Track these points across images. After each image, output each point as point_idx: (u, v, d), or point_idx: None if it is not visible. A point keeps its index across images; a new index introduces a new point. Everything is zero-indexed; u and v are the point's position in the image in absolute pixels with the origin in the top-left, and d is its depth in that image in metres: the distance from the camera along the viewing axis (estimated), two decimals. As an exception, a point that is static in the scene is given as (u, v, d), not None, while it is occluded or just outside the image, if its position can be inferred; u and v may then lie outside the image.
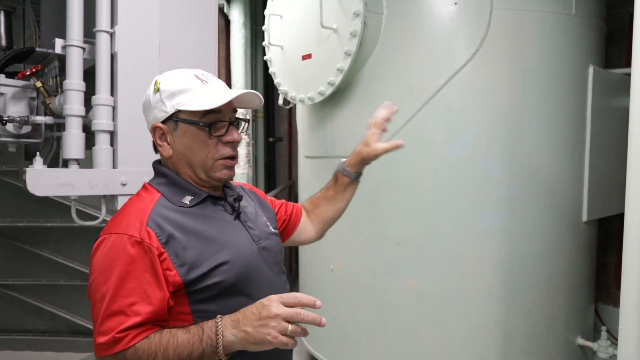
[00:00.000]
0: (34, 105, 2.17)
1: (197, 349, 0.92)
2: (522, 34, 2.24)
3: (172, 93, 1.08)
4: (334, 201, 1.51)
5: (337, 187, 1.50)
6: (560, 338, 2.46)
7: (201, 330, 0.94)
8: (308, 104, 2.56)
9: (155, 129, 1.11)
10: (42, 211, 3.50)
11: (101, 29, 1.83)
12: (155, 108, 1.10)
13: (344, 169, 1.47)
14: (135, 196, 1.15)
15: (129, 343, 0.94)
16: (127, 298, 0.96)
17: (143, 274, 0.97)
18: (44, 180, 1.70)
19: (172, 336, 0.95)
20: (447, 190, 2.26)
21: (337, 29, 2.27)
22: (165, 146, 1.12)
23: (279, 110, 5.07)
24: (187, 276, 1.01)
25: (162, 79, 1.11)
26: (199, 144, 1.09)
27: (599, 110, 2.46)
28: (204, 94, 1.08)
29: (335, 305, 2.59)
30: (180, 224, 1.05)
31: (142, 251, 0.98)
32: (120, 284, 0.96)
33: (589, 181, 2.44)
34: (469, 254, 2.26)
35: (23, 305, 3.64)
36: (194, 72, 1.12)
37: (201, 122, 1.08)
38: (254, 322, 0.90)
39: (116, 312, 0.95)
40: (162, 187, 1.12)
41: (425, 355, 2.32)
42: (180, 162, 1.12)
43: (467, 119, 2.23)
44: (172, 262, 1.00)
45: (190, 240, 1.04)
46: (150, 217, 1.03)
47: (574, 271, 2.49)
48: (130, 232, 1.00)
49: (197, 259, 1.03)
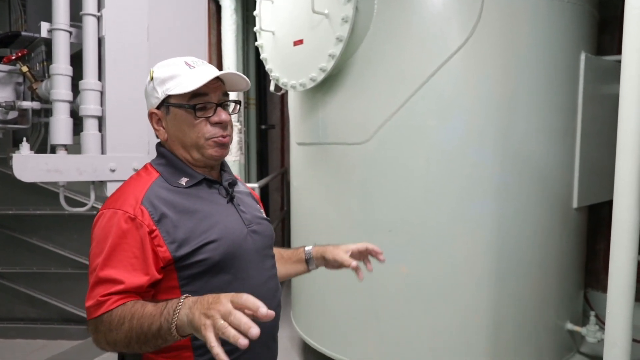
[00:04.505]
0: (21, 90, 2.14)
1: (155, 322, 0.93)
2: (514, 21, 2.23)
3: (162, 80, 1.15)
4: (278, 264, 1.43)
5: (293, 255, 1.49)
6: (550, 323, 2.49)
7: (165, 305, 0.94)
8: (300, 90, 2.54)
9: (152, 115, 1.20)
10: (32, 199, 3.47)
11: (88, 12, 1.80)
12: (151, 95, 1.19)
13: (309, 251, 1.48)
14: (135, 175, 1.22)
15: (110, 306, 0.99)
16: (114, 268, 1.02)
17: (132, 248, 1.04)
18: (30, 166, 1.68)
19: (141, 306, 0.98)
20: (438, 177, 2.26)
21: (329, 15, 2.24)
22: (161, 130, 1.20)
23: (271, 97, 5.04)
24: (176, 252, 1.07)
25: (156, 68, 1.19)
26: (187, 125, 1.16)
27: (591, 97, 2.46)
28: (190, 78, 1.14)
29: (327, 291, 2.60)
30: (173, 203, 1.12)
31: (134, 227, 1.05)
32: (110, 254, 1.03)
33: (580, 168, 2.45)
34: (460, 240, 2.27)
35: (14, 293, 3.62)
36: (185, 59, 1.19)
37: (187, 104, 1.15)
38: (203, 308, 0.87)
39: (103, 280, 1.02)
40: (161, 167, 1.19)
41: (416, 342, 2.34)
42: (175, 144, 1.20)
43: (459, 106, 2.22)
44: (163, 239, 1.06)
45: (182, 219, 1.10)
46: (145, 196, 1.10)
47: (564, 257, 2.51)
48: (125, 208, 1.07)
49: (187, 237, 1.09)
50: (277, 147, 5.28)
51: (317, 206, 2.67)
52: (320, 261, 1.46)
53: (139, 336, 0.95)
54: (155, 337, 0.94)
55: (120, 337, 0.97)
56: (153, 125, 1.21)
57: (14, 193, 3.45)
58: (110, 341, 1.00)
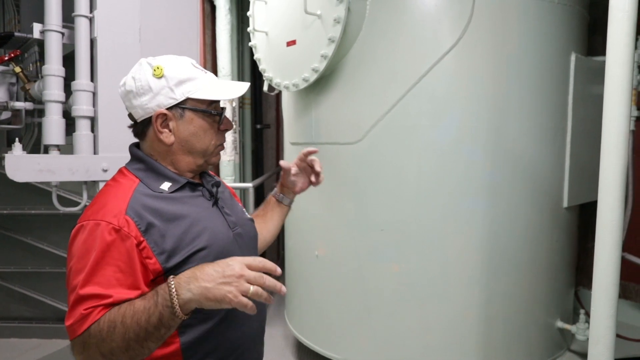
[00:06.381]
0: (14, 91, 2.15)
1: (154, 314, 0.90)
2: (505, 21, 2.25)
3: (181, 80, 1.09)
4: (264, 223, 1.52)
5: (267, 206, 1.54)
6: (541, 321, 2.52)
7: (156, 294, 0.92)
8: (293, 91, 2.56)
9: (158, 115, 1.09)
10: (27, 198, 3.48)
11: (80, 14, 1.81)
12: (161, 94, 1.08)
13: (274, 191, 1.54)
14: (112, 181, 1.13)
15: (96, 317, 0.93)
16: (98, 284, 0.95)
17: (117, 262, 0.97)
18: (23, 166, 1.70)
19: (129, 305, 0.93)
20: (431, 175, 2.28)
21: (321, 15, 2.26)
22: (166, 133, 1.11)
23: (266, 97, 5.05)
24: (166, 263, 1.02)
25: (165, 65, 1.09)
26: (204, 131, 1.13)
27: (581, 98, 2.49)
28: (210, 83, 1.12)
29: (321, 290, 2.62)
30: (159, 211, 1.05)
31: (119, 239, 0.98)
32: (93, 270, 0.96)
33: (570, 168, 2.47)
34: (452, 239, 2.29)
35: (8, 292, 3.62)
36: (189, 61, 1.13)
37: (212, 110, 1.12)
38: (217, 279, 0.88)
39: (87, 297, 0.95)
40: (141, 172, 1.11)
41: (408, 339, 2.36)
42: (180, 149, 1.13)
43: (451, 105, 2.24)
44: (151, 251, 1.01)
45: (169, 228, 1.04)
46: (129, 204, 1.03)
47: (555, 256, 2.54)
48: (108, 219, 0.99)
49: (176, 246, 1.04)
50: (272, 146, 5.29)
51: (310, 205, 2.69)
52: (286, 189, 1.51)
53: (139, 334, 0.90)
54: (157, 328, 0.90)
55: (117, 343, 0.91)
56: (157, 127, 1.10)
57: (8, 192, 3.45)
58: (105, 352, 0.92)
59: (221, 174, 3.69)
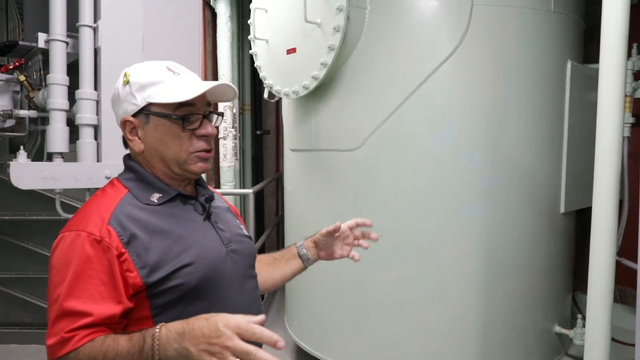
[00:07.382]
0: (18, 98, 2.18)
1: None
2: (502, 30, 2.28)
3: (142, 85, 1.03)
4: (272, 268, 1.41)
5: (286, 253, 1.43)
6: (539, 326, 2.54)
7: (142, 340, 0.87)
8: (293, 98, 2.59)
9: (125, 123, 1.06)
10: (28, 204, 3.49)
11: (84, 24, 1.84)
12: (125, 101, 1.05)
13: (300, 244, 1.43)
14: (100, 192, 1.09)
15: (77, 344, 0.88)
16: (79, 298, 0.91)
17: (99, 274, 0.93)
18: (27, 173, 1.72)
19: (113, 342, 0.88)
20: (429, 182, 2.30)
21: (321, 24, 2.29)
22: (136, 140, 1.07)
23: (266, 103, 5.08)
24: (148, 278, 0.96)
25: (132, 71, 1.06)
26: (171, 137, 1.05)
27: (577, 105, 2.52)
28: (176, 86, 1.04)
29: (320, 295, 2.64)
30: (144, 222, 1.00)
31: (101, 250, 0.94)
32: (73, 283, 0.92)
33: (567, 174, 2.50)
34: (450, 244, 2.31)
35: (9, 298, 3.63)
36: (165, 64, 1.08)
37: (174, 114, 1.04)
38: (201, 343, 0.81)
39: (67, 312, 0.90)
40: (130, 183, 1.08)
41: (407, 344, 2.38)
42: (153, 157, 1.08)
43: (449, 113, 2.27)
44: (133, 263, 0.95)
45: (154, 241, 0.99)
46: (113, 214, 0.98)
47: (552, 261, 2.56)
48: (89, 229, 0.95)
49: (160, 261, 0.98)
50: (272, 152, 5.32)
51: (310, 211, 2.71)
52: (313, 250, 1.39)
53: None
54: None
55: None
56: (126, 135, 1.07)
57: (10, 198, 3.47)
58: None
59: (221, 180, 3.71)
